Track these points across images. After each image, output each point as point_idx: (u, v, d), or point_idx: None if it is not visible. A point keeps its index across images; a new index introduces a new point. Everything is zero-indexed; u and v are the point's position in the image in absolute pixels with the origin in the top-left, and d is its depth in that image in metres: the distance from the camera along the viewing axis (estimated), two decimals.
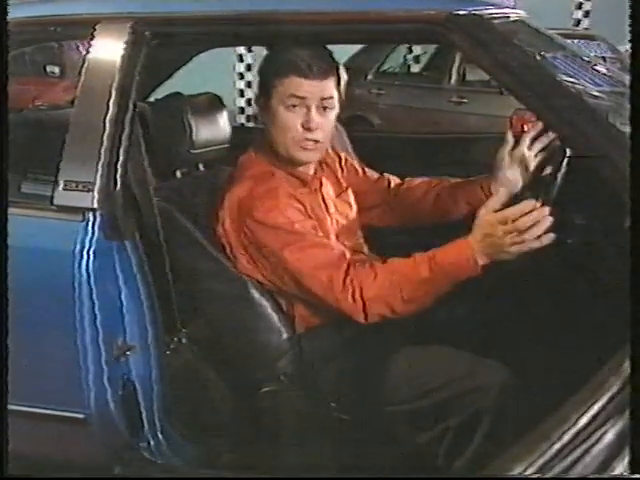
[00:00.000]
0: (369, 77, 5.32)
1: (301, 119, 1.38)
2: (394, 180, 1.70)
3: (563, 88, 1.20)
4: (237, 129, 1.89)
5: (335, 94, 1.41)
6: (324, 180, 1.55)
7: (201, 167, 1.73)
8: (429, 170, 1.75)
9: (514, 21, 1.41)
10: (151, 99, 1.95)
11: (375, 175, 1.72)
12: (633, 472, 0.61)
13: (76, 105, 1.40)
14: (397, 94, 5.24)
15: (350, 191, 1.63)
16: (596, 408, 0.64)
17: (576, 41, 4.98)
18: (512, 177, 1.45)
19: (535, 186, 1.41)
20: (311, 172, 1.50)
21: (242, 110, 6.26)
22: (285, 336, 1.45)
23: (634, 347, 0.68)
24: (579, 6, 6.25)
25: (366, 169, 1.72)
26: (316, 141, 1.40)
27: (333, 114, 1.43)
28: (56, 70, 4.14)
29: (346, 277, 1.29)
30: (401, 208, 1.66)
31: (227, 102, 1.80)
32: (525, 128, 1.43)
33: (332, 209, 1.52)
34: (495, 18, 1.32)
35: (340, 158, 1.67)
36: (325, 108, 1.40)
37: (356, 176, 1.68)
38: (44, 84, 3.87)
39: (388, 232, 1.70)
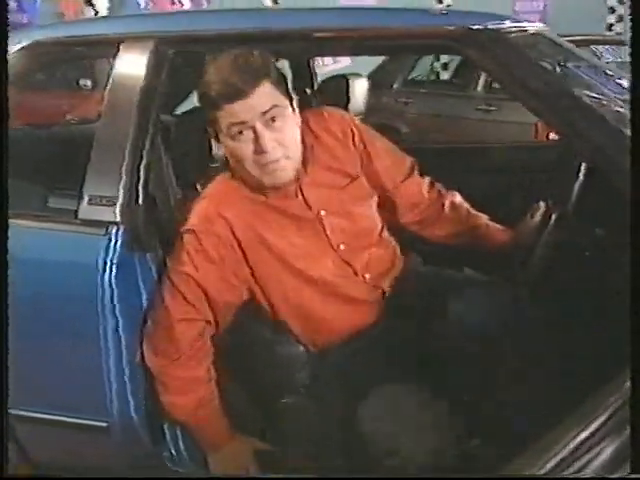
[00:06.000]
0: (396, 86, 5.32)
1: (252, 144, 1.27)
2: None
3: (579, 102, 1.20)
4: None
5: (278, 99, 1.27)
6: (310, 176, 1.39)
7: None
8: (456, 179, 1.73)
9: (532, 34, 1.41)
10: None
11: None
12: (633, 472, 0.61)
13: (100, 121, 1.44)
14: (424, 102, 5.22)
15: (363, 180, 1.46)
16: (596, 425, 0.64)
17: (607, 46, 4.92)
18: None
19: (551, 195, 1.41)
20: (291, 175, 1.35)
21: None
22: (303, 349, 1.46)
23: (634, 363, 0.68)
24: (612, 10, 6.16)
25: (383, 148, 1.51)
26: (277, 160, 1.29)
27: (288, 120, 1.29)
28: (88, 83, 4.23)
29: None
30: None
31: None
32: (551, 136, 1.43)
33: (322, 211, 1.39)
34: (512, 32, 1.32)
35: (354, 134, 1.45)
36: (274, 119, 1.26)
37: (369, 162, 1.48)
38: (76, 97, 3.96)
39: None
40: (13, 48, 1.51)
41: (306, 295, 1.41)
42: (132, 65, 1.42)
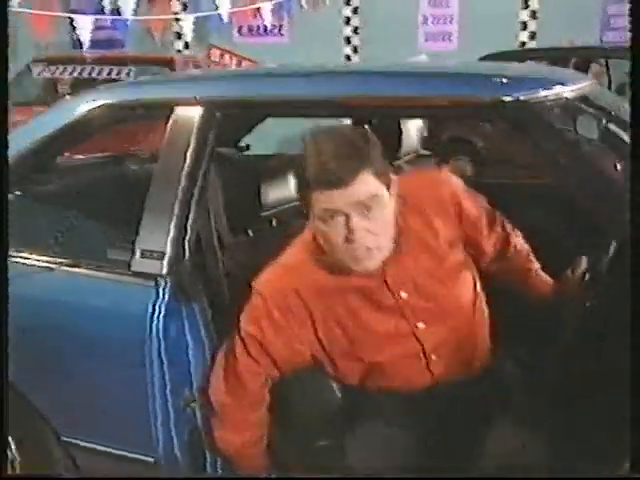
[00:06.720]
0: None
1: (343, 231, 1.23)
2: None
3: (606, 178, 1.18)
4: None
5: (377, 189, 1.23)
6: (398, 258, 1.33)
7: (274, 223, 1.85)
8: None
9: (569, 100, 1.37)
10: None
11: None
12: (633, 472, 0.62)
13: (153, 178, 1.55)
14: None
15: (458, 250, 1.41)
16: None
17: None
18: None
19: (588, 256, 1.39)
20: (379, 263, 1.30)
21: None
22: (341, 395, 1.51)
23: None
24: None
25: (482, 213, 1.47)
26: (367, 249, 1.25)
27: (384, 208, 1.25)
28: None
29: None
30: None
31: None
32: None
33: (403, 293, 1.35)
34: (546, 101, 1.31)
35: (453, 201, 1.38)
36: (369, 208, 1.22)
37: (471, 230, 1.43)
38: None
39: None
40: (85, 107, 1.65)
41: (370, 367, 1.41)
42: (183, 126, 1.53)
